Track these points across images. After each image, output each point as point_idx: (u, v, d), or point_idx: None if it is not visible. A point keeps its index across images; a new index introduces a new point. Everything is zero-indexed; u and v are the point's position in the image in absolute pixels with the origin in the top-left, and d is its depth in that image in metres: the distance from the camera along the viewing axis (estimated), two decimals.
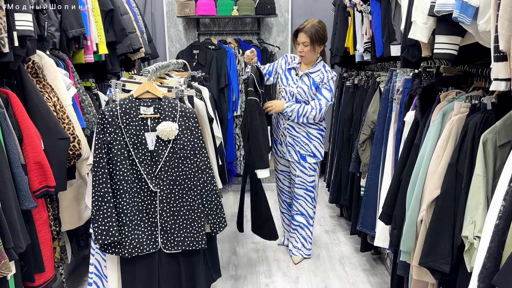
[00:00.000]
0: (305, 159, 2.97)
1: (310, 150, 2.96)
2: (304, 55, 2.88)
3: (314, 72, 2.91)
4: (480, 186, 1.47)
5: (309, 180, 3.01)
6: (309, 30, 2.82)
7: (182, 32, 4.65)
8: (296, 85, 2.90)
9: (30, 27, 1.77)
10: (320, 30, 2.84)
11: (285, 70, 2.98)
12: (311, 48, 2.85)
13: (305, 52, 2.86)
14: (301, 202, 3.05)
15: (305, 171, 3.00)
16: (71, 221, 2.30)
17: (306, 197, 3.04)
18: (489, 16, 1.36)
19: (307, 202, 3.05)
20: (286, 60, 3.02)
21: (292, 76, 2.95)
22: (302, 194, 3.04)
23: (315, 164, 3.01)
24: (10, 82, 1.91)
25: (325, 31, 2.89)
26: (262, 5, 4.33)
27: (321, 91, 2.88)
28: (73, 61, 2.56)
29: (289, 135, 2.96)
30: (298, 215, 3.07)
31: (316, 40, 2.83)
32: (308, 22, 2.87)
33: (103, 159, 1.86)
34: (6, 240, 1.59)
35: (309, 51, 2.86)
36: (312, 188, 3.04)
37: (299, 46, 2.87)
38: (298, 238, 3.10)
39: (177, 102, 1.96)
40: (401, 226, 1.89)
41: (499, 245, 1.24)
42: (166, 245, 1.99)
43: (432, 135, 1.76)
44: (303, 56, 2.89)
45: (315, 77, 2.89)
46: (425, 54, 1.83)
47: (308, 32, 2.82)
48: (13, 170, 1.73)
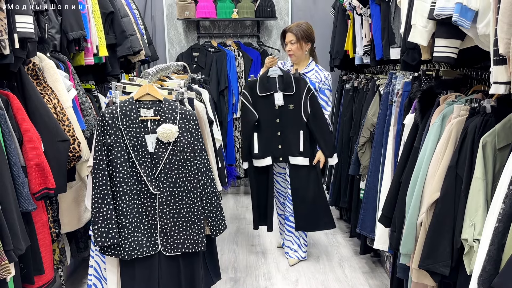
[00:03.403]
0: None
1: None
2: (293, 53, 2.94)
3: (309, 71, 2.96)
4: (479, 189, 1.47)
5: None
6: (295, 28, 2.92)
7: (182, 34, 4.66)
8: None
9: (30, 29, 1.77)
10: (306, 28, 2.92)
11: None
12: (298, 45, 2.91)
13: (293, 50, 2.93)
14: None
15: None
16: (70, 223, 2.29)
17: None
18: (488, 20, 1.37)
19: None
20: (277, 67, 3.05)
21: None
22: None
23: None
24: (10, 84, 1.91)
25: (311, 30, 2.96)
26: (262, 8, 4.34)
27: (324, 92, 2.94)
28: (73, 63, 2.56)
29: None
30: (292, 216, 3.08)
31: (302, 37, 2.90)
32: (294, 23, 2.99)
33: (103, 161, 1.86)
34: (5, 242, 1.59)
35: (297, 48, 2.92)
36: None
37: (287, 46, 2.96)
38: (294, 240, 3.10)
39: (177, 104, 1.96)
40: (400, 228, 1.89)
41: (499, 247, 1.25)
42: (166, 248, 1.99)
43: (432, 138, 1.76)
44: (292, 55, 2.94)
45: (311, 76, 2.94)
46: (424, 57, 1.84)
47: (294, 30, 2.91)
48: (13, 172, 1.73)
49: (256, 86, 2.91)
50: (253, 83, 2.94)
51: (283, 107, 2.90)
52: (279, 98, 2.88)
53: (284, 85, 2.87)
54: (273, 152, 2.96)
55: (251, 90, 2.93)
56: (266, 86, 2.90)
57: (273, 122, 2.93)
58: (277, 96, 2.88)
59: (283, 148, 2.94)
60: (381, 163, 2.58)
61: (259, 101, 2.92)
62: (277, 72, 2.88)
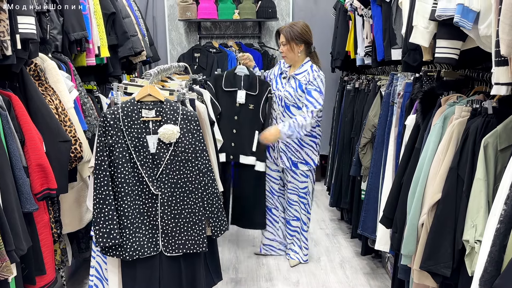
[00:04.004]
0: (296, 166, 2.95)
1: (302, 157, 2.94)
2: (285, 55, 2.91)
3: (300, 73, 2.88)
4: (481, 190, 1.47)
5: (301, 187, 3.00)
6: (285, 29, 2.87)
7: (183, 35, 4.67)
8: (283, 89, 2.90)
9: (32, 30, 1.78)
10: (297, 29, 2.83)
11: (277, 76, 3.01)
12: (289, 47, 2.85)
13: (284, 51, 2.89)
14: (296, 208, 3.05)
15: (296, 177, 2.98)
16: (72, 224, 2.30)
17: (299, 203, 3.04)
18: (490, 21, 1.37)
19: (301, 208, 3.05)
20: (279, 66, 3.05)
21: (281, 80, 2.97)
22: (295, 199, 3.03)
23: (308, 171, 2.98)
24: (12, 85, 1.92)
25: (305, 30, 2.85)
26: (263, 9, 4.35)
27: (310, 93, 2.80)
28: (75, 64, 2.57)
29: (281, 141, 2.95)
30: (293, 220, 3.07)
31: (292, 38, 2.82)
32: (288, 23, 2.94)
33: (105, 161, 1.87)
34: (7, 242, 1.59)
35: (288, 50, 2.87)
36: (304, 194, 3.02)
37: (280, 47, 2.94)
38: (296, 242, 3.10)
39: (179, 105, 1.97)
40: (402, 229, 1.89)
41: (500, 249, 1.25)
42: (167, 248, 1.99)
43: (433, 139, 1.76)
44: (285, 56, 2.92)
45: (301, 78, 2.86)
46: (426, 58, 1.84)
47: (284, 31, 2.87)
48: (15, 173, 1.73)
49: (221, 80, 2.99)
50: (218, 76, 3.02)
51: (243, 105, 2.96)
52: (242, 96, 2.96)
53: (249, 84, 2.95)
54: (227, 150, 3.00)
55: (216, 82, 3.00)
56: (231, 82, 2.97)
57: (232, 118, 2.98)
58: (240, 94, 2.96)
59: (235, 147, 2.99)
60: (382, 164, 2.58)
61: (222, 95, 2.99)
62: (243, 71, 2.97)
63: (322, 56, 4.55)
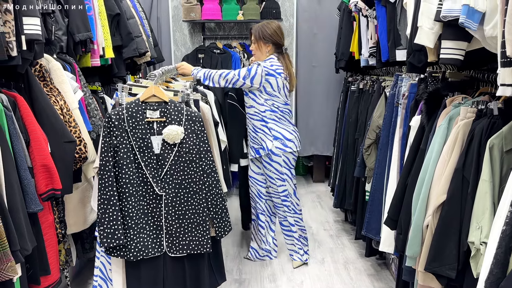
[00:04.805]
0: (258, 152, 2.93)
1: (259, 142, 2.92)
2: (254, 53, 2.94)
3: None
4: (486, 191, 1.46)
5: (280, 190, 2.97)
6: (255, 28, 2.88)
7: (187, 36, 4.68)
8: None
9: (38, 31, 1.79)
10: (267, 29, 2.83)
11: None
12: (257, 46, 2.88)
13: (253, 49, 2.93)
14: (285, 209, 3.03)
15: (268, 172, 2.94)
16: (76, 224, 2.30)
17: (283, 205, 3.03)
18: (495, 22, 1.36)
19: (285, 211, 3.04)
20: None
21: None
22: (280, 202, 3.03)
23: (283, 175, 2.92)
24: (17, 85, 1.93)
25: (274, 31, 2.83)
26: (267, 10, 4.35)
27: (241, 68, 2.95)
28: (80, 64, 2.57)
29: (249, 134, 3.01)
30: (285, 221, 3.08)
31: (261, 38, 2.84)
32: (262, 23, 2.91)
33: (109, 162, 1.87)
34: (12, 242, 1.60)
35: (256, 48, 2.89)
36: (285, 197, 2.99)
37: (251, 45, 2.96)
38: (295, 243, 3.10)
39: (183, 106, 1.97)
40: (406, 231, 1.88)
41: (506, 250, 1.24)
42: (171, 249, 2.00)
43: (438, 140, 1.75)
44: (254, 54, 2.95)
45: None
46: (431, 59, 1.83)
47: (253, 30, 2.89)
48: (20, 173, 1.74)
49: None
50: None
51: None
52: None
53: None
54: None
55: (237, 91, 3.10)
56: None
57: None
58: None
59: None
60: (386, 165, 2.57)
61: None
62: None
63: (326, 56, 4.57)
